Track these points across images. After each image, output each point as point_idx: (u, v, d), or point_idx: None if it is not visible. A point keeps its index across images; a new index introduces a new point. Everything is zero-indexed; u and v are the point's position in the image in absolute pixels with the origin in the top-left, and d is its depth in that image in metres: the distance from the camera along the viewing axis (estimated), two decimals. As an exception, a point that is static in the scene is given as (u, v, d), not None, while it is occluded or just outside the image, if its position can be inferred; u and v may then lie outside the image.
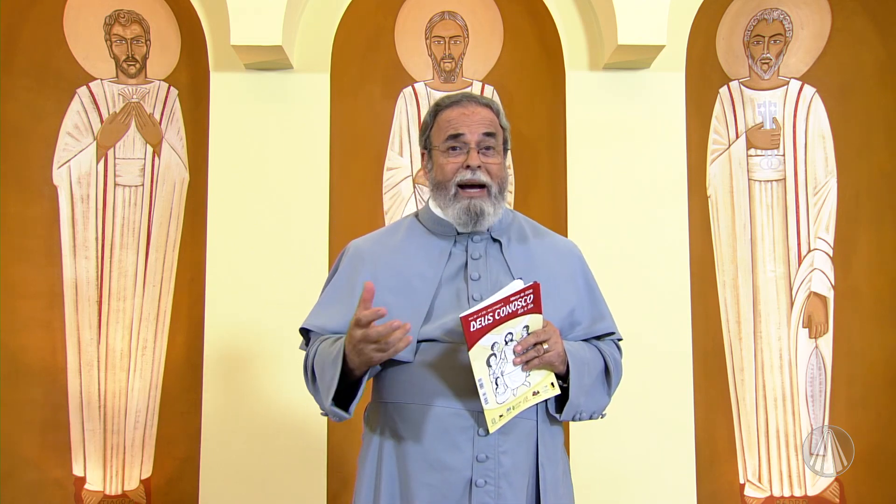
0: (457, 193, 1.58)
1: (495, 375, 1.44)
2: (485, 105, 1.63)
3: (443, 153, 1.61)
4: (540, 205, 3.03)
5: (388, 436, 1.59)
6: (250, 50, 2.80)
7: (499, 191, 1.61)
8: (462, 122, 1.59)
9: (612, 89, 2.97)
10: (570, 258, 1.73)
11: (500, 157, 1.63)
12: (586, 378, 1.57)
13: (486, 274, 1.61)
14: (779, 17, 3.12)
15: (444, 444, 1.52)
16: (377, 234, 1.76)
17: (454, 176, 1.59)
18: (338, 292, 1.66)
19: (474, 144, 1.58)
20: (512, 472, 1.53)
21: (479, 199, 1.58)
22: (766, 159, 3.12)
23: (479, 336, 1.40)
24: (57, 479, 3.00)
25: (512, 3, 3.11)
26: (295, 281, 2.84)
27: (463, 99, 1.63)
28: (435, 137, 1.63)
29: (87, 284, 3.05)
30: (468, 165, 1.57)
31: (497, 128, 1.63)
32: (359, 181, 3.08)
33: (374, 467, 1.60)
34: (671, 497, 2.86)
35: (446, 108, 1.63)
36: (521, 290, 1.41)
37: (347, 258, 1.70)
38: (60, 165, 3.07)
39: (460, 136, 1.58)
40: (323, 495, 2.83)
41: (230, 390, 2.86)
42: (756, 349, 3.07)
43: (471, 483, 1.51)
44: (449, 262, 1.62)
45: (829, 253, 3.09)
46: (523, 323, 1.45)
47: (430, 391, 1.54)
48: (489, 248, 1.64)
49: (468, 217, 1.58)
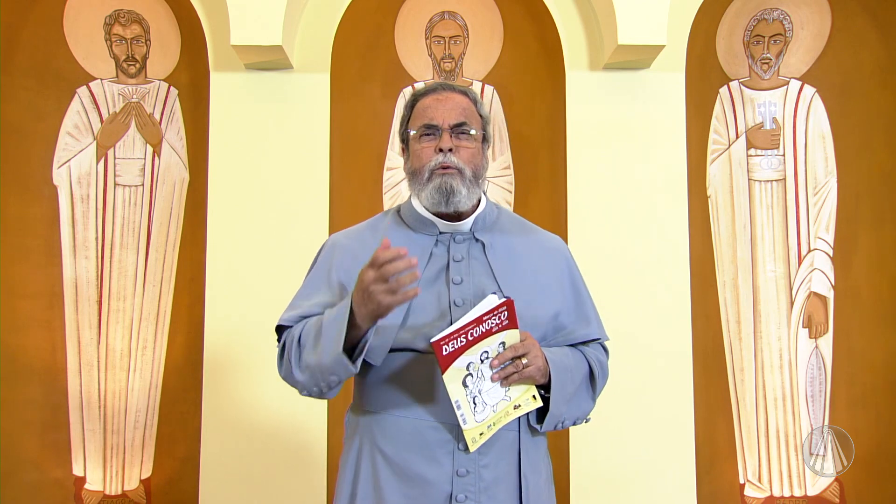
0: (430, 176, 1.56)
1: (472, 395, 1.42)
2: (460, 92, 1.61)
3: (417, 140, 1.59)
4: (540, 205, 3.03)
5: (367, 444, 1.55)
6: (250, 50, 2.80)
7: (473, 176, 1.57)
8: (435, 109, 1.58)
9: (612, 89, 2.97)
10: (556, 258, 1.68)
11: (476, 143, 1.60)
12: (569, 386, 1.54)
13: (468, 277, 1.56)
14: (779, 17, 3.12)
15: (423, 457, 1.49)
16: (357, 228, 1.72)
17: (429, 160, 1.56)
18: (313, 288, 1.63)
19: (447, 128, 1.56)
20: (493, 485, 1.50)
21: (450, 176, 1.54)
22: (766, 159, 3.12)
23: (452, 359, 1.38)
24: (57, 479, 3.00)
25: (512, 3, 3.11)
26: (295, 281, 2.80)
27: (438, 87, 1.61)
28: (411, 126, 1.62)
29: (87, 284, 3.05)
30: (440, 149, 1.55)
31: (472, 116, 1.60)
32: (359, 181, 3.08)
33: (351, 475, 1.57)
34: (671, 497, 2.86)
35: (422, 96, 1.62)
36: (494, 309, 1.38)
37: (325, 253, 1.67)
38: (60, 165, 3.08)
39: (433, 123, 1.57)
40: (323, 495, 2.83)
41: (230, 390, 2.86)
42: (756, 349, 3.07)
43: (451, 498, 1.48)
44: (429, 263, 1.58)
45: (829, 253, 3.09)
46: (499, 340, 1.42)
47: (408, 403, 1.50)
48: (472, 250, 1.60)
49: (440, 195, 1.54)
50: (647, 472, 2.86)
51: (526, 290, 1.57)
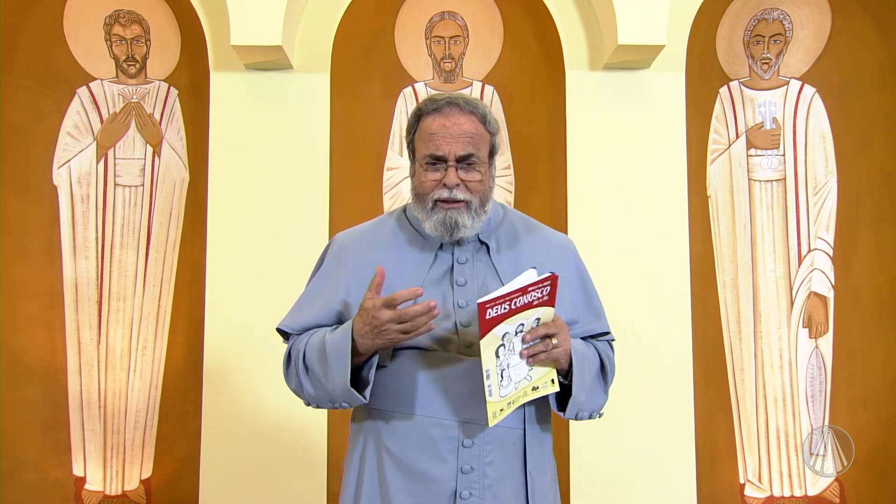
0: (434, 206, 1.54)
1: (501, 367, 1.40)
2: (469, 112, 1.54)
3: (422, 167, 1.56)
4: (540, 205, 3.03)
5: (372, 442, 1.56)
6: (250, 50, 2.80)
7: (479, 205, 1.56)
8: (441, 140, 1.52)
9: (612, 89, 2.97)
10: (563, 256, 1.68)
11: (483, 169, 1.56)
12: (587, 375, 1.55)
13: (472, 279, 1.57)
14: (779, 16, 3.12)
15: (427, 454, 1.49)
16: (363, 227, 1.71)
17: (432, 192, 1.54)
18: (319, 290, 1.63)
19: (453, 161, 1.52)
20: (497, 483, 1.50)
21: (455, 210, 1.53)
22: (766, 159, 3.12)
23: (493, 325, 1.36)
24: (57, 479, 3.00)
25: (512, 3, 3.11)
26: (295, 281, 2.81)
27: (445, 106, 1.54)
28: (417, 146, 1.58)
29: (87, 284, 3.05)
30: (445, 184, 1.52)
31: (481, 140, 1.55)
32: (359, 181, 3.08)
33: (356, 472, 1.58)
34: (671, 497, 2.86)
35: (428, 114, 1.56)
36: (540, 281, 1.37)
37: (331, 254, 1.67)
38: (60, 165, 3.08)
39: (439, 155, 1.53)
40: (323, 495, 2.83)
41: (230, 390, 2.86)
42: (756, 349, 3.07)
43: (455, 494, 1.48)
44: (434, 265, 1.58)
45: (829, 253, 3.09)
46: (536, 315, 1.41)
47: (413, 400, 1.50)
48: (477, 252, 1.60)
49: (444, 229, 1.54)
50: (647, 472, 2.86)
51: None
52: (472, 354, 1.49)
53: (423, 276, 1.56)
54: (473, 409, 1.48)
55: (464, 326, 1.52)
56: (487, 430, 1.49)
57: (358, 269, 1.59)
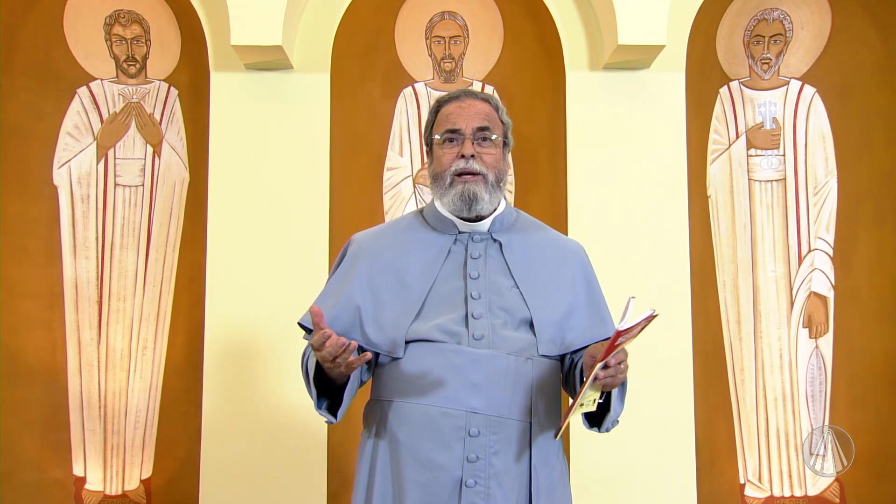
0: (452, 181, 1.61)
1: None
2: (483, 100, 1.67)
3: (440, 146, 1.65)
4: (540, 205, 3.03)
5: (383, 433, 1.60)
6: (250, 50, 2.80)
7: (495, 180, 1.63)
8: (458, 115, 1.63)
9: (612, 89, 2.97)
10: (572, 260, 1.73)
11: (498, 149, 1.65)
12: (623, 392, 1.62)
13: (484, 273, 1.62)
14: (779, 17, 3.12)
15: (435, 443, 1.53)
16: (380, 228, 1.80)
17: (450, 166, 1.62)
18: (334, 287, 1.70)
19: (469, 134, 1.61)
20: (502, 473, 1.53)
21: (473, 183, 1.60)
22: (767, 159, 3.12)
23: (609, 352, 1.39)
24: (57, 479, 3.00)
25: (512, 3, 3.11)
26: (295, 281, 2.83)
27: (462, 94, 1.68)
28: (435, 130, 1.67)
29: (87, 284, 3.05)
30: (462, 155, 1.61)
31: (494, 122, 1.66)
32: (359, 181, 3.08)
33: (368, 464, 1.62)
34: (671, 497, 2.86)
35: (445, 103, 1.68)
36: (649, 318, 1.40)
37: (349, 253, 1.73)
38: (60, 165, 3.08)
39: (456, 128, 1.62)
40: (323, 495, 2.83)
41: (230, 390, 2.86)
42: (756, 349, 3.07)
43: (461, 483, 1.51)
44: (447, 260, 1.64)
45: (829, 253, 3.09)
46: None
47: (422, 390, 1.55)
48: (489, 248, 1.66)
49: (462, 202, 1.61)
50: (647, 472, 2.86)
51: (540, 288, 1.63)
52: (481, 346, 1.54)
53: (435, 272, 1.62)
54: (480, 399, 1.52)
55: (475, 318, 1.57)
56: (493, 420, 1.53)
57: (371, 269, 1.65)
